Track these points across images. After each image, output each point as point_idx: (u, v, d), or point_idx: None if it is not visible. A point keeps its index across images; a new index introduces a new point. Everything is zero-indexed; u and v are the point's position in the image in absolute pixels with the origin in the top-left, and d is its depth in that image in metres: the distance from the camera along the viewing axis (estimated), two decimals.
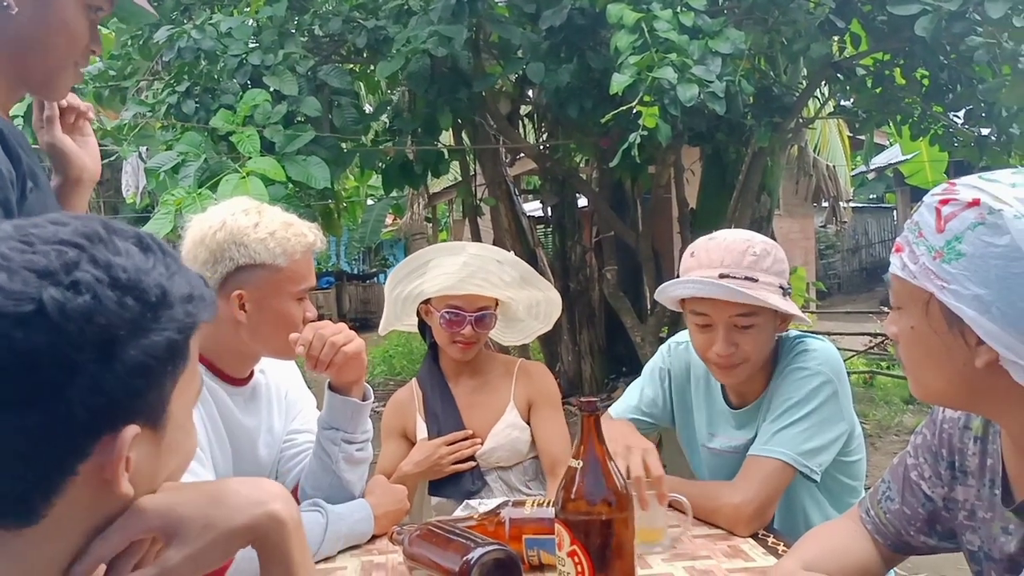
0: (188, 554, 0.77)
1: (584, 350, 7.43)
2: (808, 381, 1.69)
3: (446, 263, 2.05)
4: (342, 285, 16.59)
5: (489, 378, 2.17)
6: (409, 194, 11.24)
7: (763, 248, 1.66)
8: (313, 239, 1.65)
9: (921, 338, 1.01)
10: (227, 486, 0.83)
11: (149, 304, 0.71)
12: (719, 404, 1.87)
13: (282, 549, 0.81)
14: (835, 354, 1.76)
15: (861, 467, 1.86)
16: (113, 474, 0.71)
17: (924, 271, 0.97)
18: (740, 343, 1.66)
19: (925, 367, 1.03)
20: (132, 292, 0.70)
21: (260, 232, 1.57)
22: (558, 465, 2.02)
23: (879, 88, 5.28)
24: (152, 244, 0.75)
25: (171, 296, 0.73)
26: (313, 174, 4.24)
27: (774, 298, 1.62)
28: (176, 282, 0.74)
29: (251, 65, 4.57)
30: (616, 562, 1.22)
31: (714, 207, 6.35)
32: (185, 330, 0.75)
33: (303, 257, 1.62)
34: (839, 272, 18.14)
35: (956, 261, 0.94)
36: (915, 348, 1.03)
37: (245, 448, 1.69)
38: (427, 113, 5.30)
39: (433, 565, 1.38)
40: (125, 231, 0.75)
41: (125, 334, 0.69)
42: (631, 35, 3.61)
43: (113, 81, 5.45)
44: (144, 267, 0.72)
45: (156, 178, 4.29)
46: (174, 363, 0.74)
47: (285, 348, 1.64)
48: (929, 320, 0.99)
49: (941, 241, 0.96)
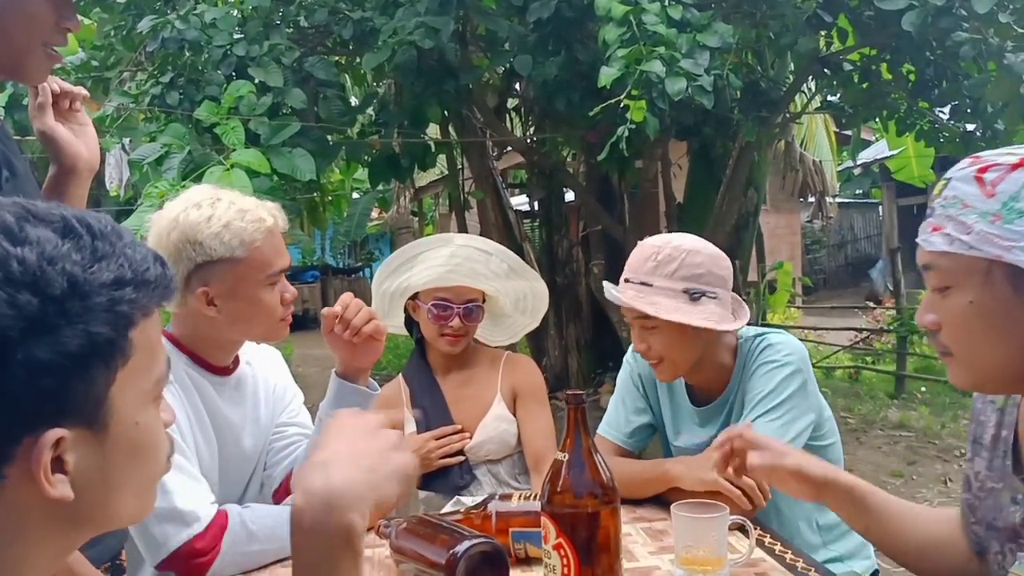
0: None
1: (570, 345, 7.43)
2: (778, 372, 1.73)
3: (433, 256, 2.04)
4: (327, 279, 16.52)
5: (476, 371, 2.16)
6: (395, 188, 11.22)
7: (670, 254, 1.71)
8: (272, 222, 1.60)
9: (982, 311, 0.98)
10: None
11: (52, 298, 0.65)
12: (683, 402, 1.91)
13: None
14: (798, 344, 1.80)
15: (837, 450, 1.90)
16: (38, 479, 0.67)
17: (983, 238, 0.95)
18: (650, 343, 1.75)
19: (984, 343, 1.00)
20: (30, 287, 0.64)
21: (213, 226, 1.53)
22: (541, 461, 2.01)
23: (866, 83, 5.30)
24: (79, 227, 0.69)
25: (85, 286, 0.67)
26: (299, 166, 4.21)
27: (664, 303, 1.68)
28: (100, 268, 0.68)
29: (236, 56, 4.53)
30: (602, 555, 1.21)
31: (701, 202, 6.36)
32: (115, 321, 0.69)
33: (265, 242, 1.58)
34: (824, 267, 18.23)
35: (1020, 220, 0.93)
36: (974, 324, 1.00)
37: (229, 439, 1.68)
38: (414, 106, 5.28)
39: (420, 558, 1.37)
40: (49, 216, 0.69)
41: (17, 335, 0.64)
42: (619, 28, 3.60)
43: (96, 72, 5.39)
44: (54, 256, 0.66)
45: (140, 170, 4.25)
46: (104, 358, 0.69)
47: (269, 332, 1.64)
48: (991, 289, 0.97)
49: (996, 204, 0.95)
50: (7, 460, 0.66)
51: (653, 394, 1.97)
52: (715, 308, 1.70)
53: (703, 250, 1.73)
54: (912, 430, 6.48)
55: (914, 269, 5.24)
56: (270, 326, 1.63)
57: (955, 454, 5.82)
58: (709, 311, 1.69)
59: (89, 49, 5.60)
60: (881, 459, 5.80)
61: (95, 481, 0.72)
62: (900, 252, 8.62)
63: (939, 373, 7.87)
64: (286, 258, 1.65)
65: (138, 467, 0.76)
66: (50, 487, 0.67)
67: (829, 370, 8.56)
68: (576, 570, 1.19)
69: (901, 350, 8.00)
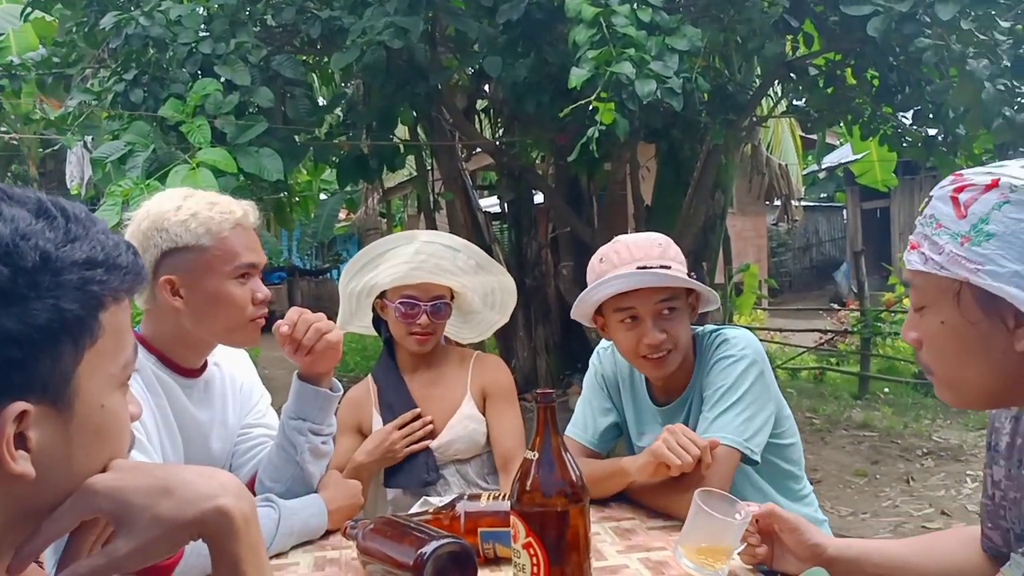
0: (135, 546, 0.75)
1: (539, 346, 7.45)
2: (736, 366, 1.75)
3: (398, 254, 2.03)
4: (294, 280, 16.39)
5: (445, 370, 2.15)
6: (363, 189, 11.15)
7: (666, 240, 1.79)
8: (242, 214, 1.60)
9: (954, 332, 0.98)
10: (179, 476, 0.79)
11: (23, 270, 0.67)
12: (645, 403, 1.91)
13: (230, 546, 0.78)
14: (754, 338, 1.83)
15: (797, 450, 1.92)
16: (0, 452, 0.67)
17: (952, 259, 0.95)
18: (668, 329, 1.74)
19: (961, 364, 1.00)
20: (2, 258, 0.66)
21: (181, 215, 1.54)
22: (510, 461, 2.01)
23: (830, 88, 5.36)
24: (53, 210, 0.71)
25: (57, 262, 0.69)
26: (266, 166, 4.16)
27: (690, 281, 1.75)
28: (74, 248, 0.70)
29: (202, 54, 4.46)
30: (571, 554, 1.21)
31: (669, 204, 6.40)
32: (85, 300, 0.70)
33: (233, 234, 1.57)
34: (790, 270, 18.46)
35: (987, 242, 0.93)
36: (948, 345, 1.00)
37: (197, 441, 1.65)
38: (382, 106, 5.24)
39: (387, 559, 1.36)
40: (25, 198, 0.71)
41: None
42: (589, 29, 3.60)
43: (57, 68, 5.29)
44: (27, 232, 0.68)
45: (103, 168, 4.18)
46: (73, 334, 0.70)
47: (237, 332, 1.61)
48: (962, 310, 0.97)
49: (966, 226, 0.95)
50: None
51: (616, 394, 1.97)
52: None
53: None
54: (875, 430, 6.57)
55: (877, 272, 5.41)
56: (238, 325, 1.59)
57: (917, 453, 5.91)
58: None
59: (50, 45, 5.50)
60: (845, 459, 5.88)
61: (58, 461, 0.72)
62: (864, 255, 8.75)
63: (901, 374, 8.00)
64: (257, 255, 1.63)
65: (101, 451, 0.76)
66: (12, 461, 0.68)
67: (794, 371, 8.65)
68: (546, 569, 1.19)
69: (865, 351, 8.12)
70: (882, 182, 11.21)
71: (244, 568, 0.79)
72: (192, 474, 0.80)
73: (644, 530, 1.62)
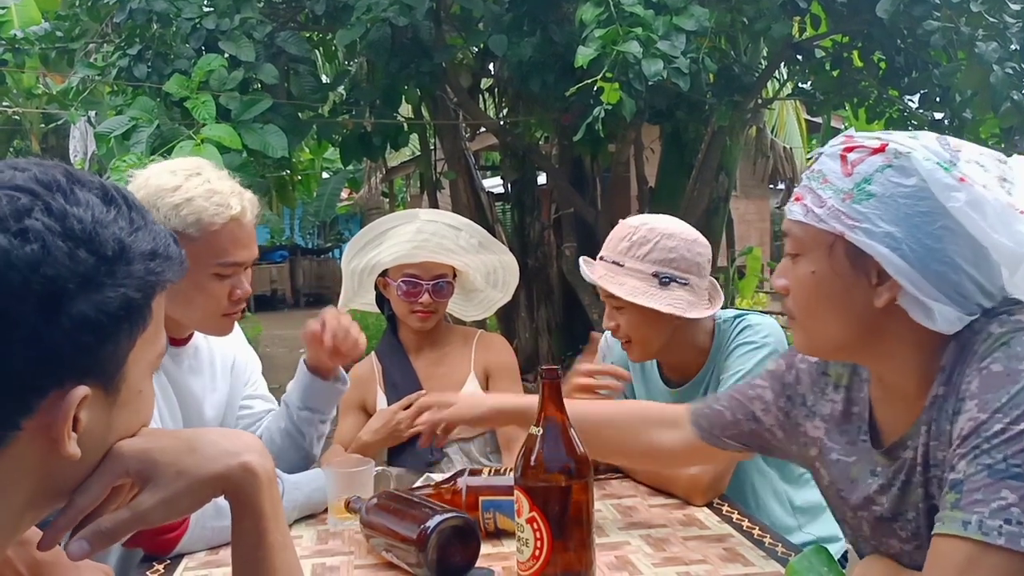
0: (161, 499, 0.77)
1: (541, 327, 7.44)
2: (756, 353, 1.73)
3: (400, 232, 2.03)
4: (296, 259, 16.37)
5: (449, 349, 2.15)
6: (366, 168, 11.13)
7: (644, 236, 1.71)
8: (239, 210, 1.51)
9: (821, 282, 1.04)
10: (204, 435, 0.82)
11: (104, 258, 0.68)
12: (657, 384, 1.91)
13: (254, 501, 0.80)
14: (778, 327, 1.80)
15: None
16: (59, 434, 0.68)
17: (833, 213, 1.00)
18: (619, 321, 1.76)
19: (822, 313, 1.06)
20: (87, 244, 0.67)
21: (176, 197, 1.47)
22: (512, 440, 2.01)
23: (837, 71, 5.34)
24: (117, 197, 0.73)
25: (130, 252, 0.71)
26: (270, 143, 4.15)
27: (632, 284, 1.69)
28: (139, 238, 0.72)
29: (206, 30, 4.43)
30: (575, 529, 1.21)
31: (673, 186, 6.38)
32: (145, 288, 0.72)
33: (224, 229, 1.49)
34: None
35: (867, 201, 0.98)
36: (813, 294, 1.06)
37: (192, 407, 1.66)
38: (387, 84, 5.22)
39: (391, 533, 1.37)
40: (90, 182, 0.72)
41: (74, 287, 0.67)
42: (596, 8, 3.59)
43: (60, 43, 5.25)
44: (103, 219, 0.69)
45: (106, 143, 4.17)
46: (131, 322, 0.72)
47: (207, 322, 1.59)
48: (832, 262, 1.02)
49: (850, 184, 1.00)
50: (27, 412, 0.67)
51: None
52: (684, 294, 1.70)
53: (679, 234, 1.72)
54: None
55: None
56: (209, 317, 1.56)
57: None
58: (676, 297, 1.69)
59: (53, 20, 5.46)
60: None
61: (97, 442, 0.74)
62: None
63: None
64: (247, 252, 1.56)
65: (123, 434, 0.78)
66: (67, 443, 0.69)
67: None
68: (549, 544, 1.19)
69: None
70: None
71: (267, 524, 0.81)
72: (215, 434, 0.83)
73: (646, 508, 1.63)
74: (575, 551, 1.21)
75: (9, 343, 0.65)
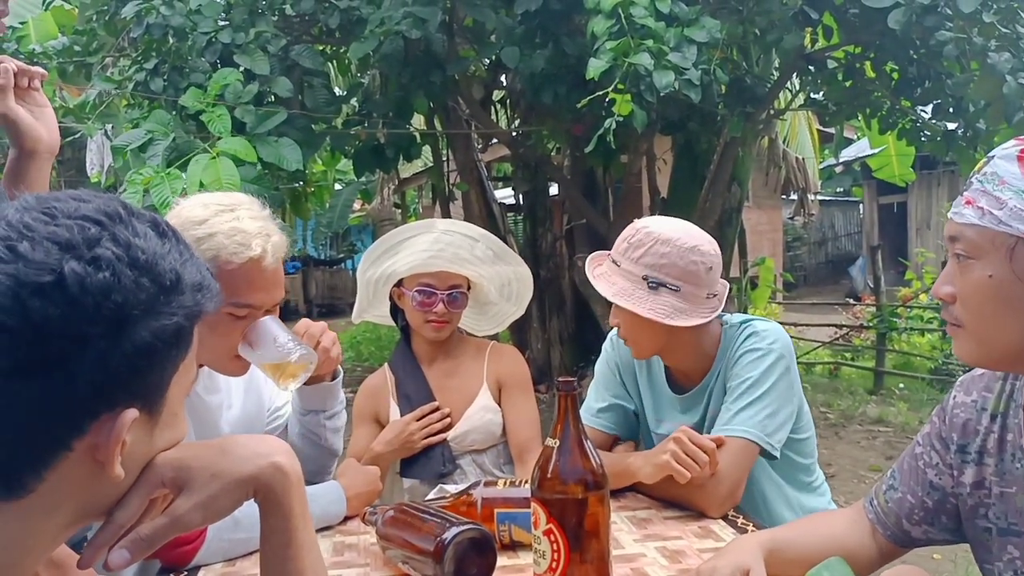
0: (197, 502, 0.80)
1: (553, 338, 7.44)
2: (763, 360, 1.73)
3: (417, 242, 2.04)
4: (308, 270, 16.44)
5: (462, 361, 2.16)
6: (378, 179, 11.17)
7: (641, 239, 1.70)
8: (259, 252, 1.46)
9: (1000, 286, 1.01)
10: (235, 439, 0.87)
11: (164, 287, 0.72)
12: (663, 390, 1.90)
13: (284, 500, 0.83)
14: (783, 332, 1.80)
15: (811, 444, 1.91)
16: (108, 456, 0.71)
17: (1014, 214, 0.98)
18: (620, 319, 1.76)
19: (999, 318, 1.02)
20: (149, 274, 0.71)
21: (199, 231, 1.45)
22: (526, 452, 2.02)
23: (849, 81, 5.32)
24: (168, 230, 0.77)
25: (183, 282, 0.74)
26: (285, 155, 4.18)
27: (622, 285, 1.69)
28: (188, 269, 0.76)
29: (221, 43, 4.48)
30: (591, 541, 1.22)
31: (685, 197, 6.38)
32: (192, 317, 0.76)
33: (240, 269, 1.46)
34: (805, 264, 18.36)
35: None
36: (990, 299, 1.02)
37: (208, 423, 1.67)
38: (399, 96, 5.25)
39: (407, 545, 1.38)
40: (143, 214, 0.76)
41: (138, 314, 0.70)
42: (608, 20, 3.60)
43: (78, 57, 5.31)
44: (160, 251, 0.73)
45: (123, 156, 4.21)
46: (178, 349, 0.75)
47: (217, 363, 1.58)
48: (1013, 265, 0.99)
49: None
50: (79, 433, 0.70)
51: (632, 381, 1.96)
52: (672, 300, 1.67)
53: (676, 240, 1.68)
54: (891, 425, 6.54)
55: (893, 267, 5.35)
56: (220, 357, 1.54)
57: None
58: (662, 303, 1.66)
59: (71, 34, 5.52)
60: (860, 454, 5.86)
61: (136, 463, 0.77)
62: (880, 250, 8.69)
63: (917, 370, 7.95)
64: (264, 295, 1.52)
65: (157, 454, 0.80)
66: (115, 464, 0.72)
67: (809, 366, 8.62)
68: (566, 556, 1.20)
69: (880, 347, 8.08)
70: (900, 177, 11.12)
71: (296, 522, 0.84)
72: (244, 439, 0.87)
73: (660, 519, 1.63)
74: (592, 563, 1.22)
75: (79, 364, 0.67)
